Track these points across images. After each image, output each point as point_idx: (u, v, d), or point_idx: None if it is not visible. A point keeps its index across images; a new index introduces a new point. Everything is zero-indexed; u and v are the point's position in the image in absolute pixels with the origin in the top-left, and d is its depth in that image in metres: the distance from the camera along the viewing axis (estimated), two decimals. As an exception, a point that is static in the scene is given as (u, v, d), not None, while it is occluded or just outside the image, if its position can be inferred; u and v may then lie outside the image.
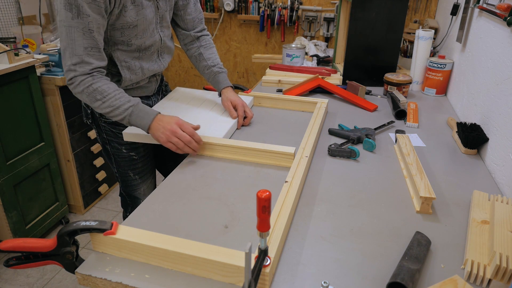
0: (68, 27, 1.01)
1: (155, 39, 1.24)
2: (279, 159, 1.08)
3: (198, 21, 1.41)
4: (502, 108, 1.12)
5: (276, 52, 2.87)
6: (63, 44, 1.04)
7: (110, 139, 1.33)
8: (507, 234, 0.74)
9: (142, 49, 1.22)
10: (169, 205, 0.91)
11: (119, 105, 1.08)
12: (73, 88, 1.08)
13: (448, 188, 1.00)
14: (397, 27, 1.71)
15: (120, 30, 1.13)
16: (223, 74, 1.41)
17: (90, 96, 1.07)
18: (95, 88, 1.07)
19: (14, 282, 1.87)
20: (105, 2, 1.03)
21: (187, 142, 1.08)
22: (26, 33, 2.16)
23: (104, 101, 1.08)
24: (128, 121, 1.10)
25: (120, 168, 1.38)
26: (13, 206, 1.90)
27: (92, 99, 1.08)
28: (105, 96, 1.08)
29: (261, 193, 0.57)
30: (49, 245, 0.71)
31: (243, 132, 1.31)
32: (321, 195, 0.96)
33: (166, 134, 1.07)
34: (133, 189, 1.43)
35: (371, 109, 1.51)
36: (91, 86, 1.07)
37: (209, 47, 1.43)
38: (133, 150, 1.34)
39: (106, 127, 1.31)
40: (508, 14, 1.14)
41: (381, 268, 0.73)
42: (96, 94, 1.07)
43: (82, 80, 1.06)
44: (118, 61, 1.18)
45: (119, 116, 1.10)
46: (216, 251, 0.68)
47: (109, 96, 1.08)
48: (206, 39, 1.43)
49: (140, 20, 1.15)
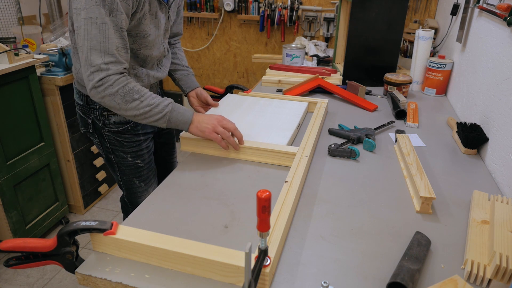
0: (101, 24, 0.95)
1: (160, 50, 1.23)
2: (280, 159, 1.08)
3: (180, 29, 1.46)
4: (502, 108, 1.12)
5: (276, 52, 2.87)
6: (89, 43, 0.97)
7: (115, 148, 1.28)
8: (507, 234, 0.74)
9: (147, 58, 1.20)
10: (169, 205, 0.91)
11: (158, 103, 1.04)
12: (104, 90, 0.99)
13: (448, 188, 1.00)
14: (397, 27, 1.71)
15: (134, 38, 1.10)
16: (192, 76, 1.49)
17: (126, 96, 1.01)
18: (132, 87, 1.02)
19: (14, 282, 1.87)
20: (133, 2, 1.01)
21: (230, 136, 1.09)
22: (26, 33, 2.16)
23: (142, 100, 1.03)
24: (167, 119, 1.06)
25: (125, 176, 1.34)
26: (13, 206, 1.90)
27: (128, 99, 1.01)
28: (142, 95, 1.03)
29: (261, 193, 0.57)
30: (49, 245, 0.71)
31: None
32: (321, 195, 0.96)
33: (213, 124, 1.07)
34: (137, 196, 1.39)
35: (371, 109, 1.51)
36: (126, 85, 1.01)
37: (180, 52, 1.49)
38: (139, 157, 1.31)
39: (111, 136, 1.26)
40: (508, 14, 1.14)
41: (381, 268, 0.73)
42: (133, 93, 1.02)
43: (116, 80, 1.00)
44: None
45: (157, 115, 1.04)
46: (216, 251, 0.68)
47: (146, 95, 1.04)
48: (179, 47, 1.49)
49: (153, 30, 1.13)
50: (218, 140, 1.07)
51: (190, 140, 1.15)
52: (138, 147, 1.30)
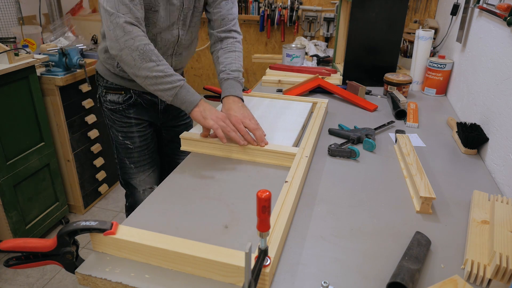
0: None
1: (173, 34, 1.21)
2: (281, 159, 1.08)
3: (227, 20, 1.29)
4: (502, 108, 1.12)
5: (276, 52, 2.87)
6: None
7: (110, 125, 1.37)
8: (507, 234, 0.74)
9: (157, 39, 1.19)
10: (169, 205, 0.91)
11: (172, 74, 1.06)
12: (126, 41, 1.02)
13: (448, 188, 1.00)
14: (397, 27, 1.71)
15: (144, 10, 1.10)
16: (229, 81, 1.24)
17: (144, 55, 1.03)
18: (151, 49, 1.04)
19: (14, 282, 1.87)
20: None
21: (234, 131, 1.07)
22: (26, 33, 2.16)
23: (159, 64, 1.04)
24: (175, 93, 1.07)
25: (119, 154, 1.42)
26: (13, 206, 1.90)
27: (145, 57, 1.03)
28: (160, 60, 1.05)
29: (261, 193, 0.57)
30: (49, 245, 0.71)
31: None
32: (321, 195, 0.96)
33: (217, 116, 1.08)
34: (129, 177, 1.45)
35: (371, 109, 1.51)
36: (147, 45, 1.04)
37: (228, 50, 1.29)
38: (129, 139, 1.38)
39: (107, 112, 1.34)
40: (508, 14, 1.14)
41: (381, 268, 0.73)
42: (151, 54, 1.04)
43: (138, 36, 1.03)
44: None
45: (168, 84, 1.05)
46: (216, 251, 0.68)
47: (163, 62, 1.06)
48: (229, 41, 1.30)
49: (163, 6, 1.12)
50: (215, 127, 1.06)
51: (190, 140, 1.15)
52: (128, 128, 1.36)
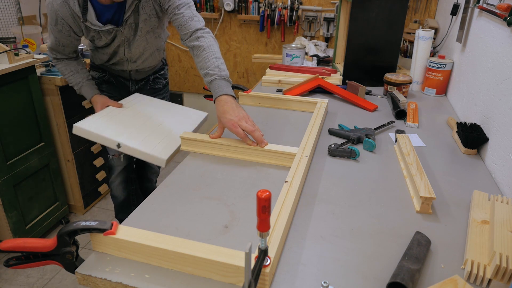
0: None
1: (120, 51, 1.51)
2: (280, 159, 1.08)
3: (186, 26, 1.30)
4: (502, 108, 1.12)
5: (276, 52, 2.87)
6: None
7: None
8: (507, 234, 0.74)
9: (112, 54, 1.54)
10: (169, 205, 0.91)
11: (76, 83, 1.55)
12: (55, 65, 1.59)
13: (448, 188, 1.00)
14: (397, 27, 1.71)
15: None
16: (214, 82, 1.18)
17: (63, 74, 1.55)
18: (63, 70, 1.55)
19: (14, 282, 1.87)
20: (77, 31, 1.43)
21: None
22: (26, 33, 2.16)
23: (69, 77, 1.54)
24: (78, 89, 1.56)
25: None
26: (13, 206, 1.90)
27: (64, 74, 1.55)
28: (71, 74, 1.54)
29: (261, 193, 0.57)
30: (49, 245, 0.71)
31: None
32: (321, 195, 0.96)
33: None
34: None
35: (371, 109, 1.51)
36: (64, 66, 1.56)
37: (198, 53, 1.27)
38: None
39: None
40: (508, 14, 1.14)
41: (381, 268, 0.73)
42: (65, 73, 1.55)
43: (57, 66, 1.57)
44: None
45: (75, 86, 1.56)
46: (216, 251, 0.68)
47: (74, 75, 1.55)
48: (197, 46, 1.28)
49: (102, 39, 1.44)
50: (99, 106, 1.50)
51: (190, 140, 1.15)
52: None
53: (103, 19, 1.37)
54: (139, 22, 1.41)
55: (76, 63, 1.54)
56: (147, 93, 1.69)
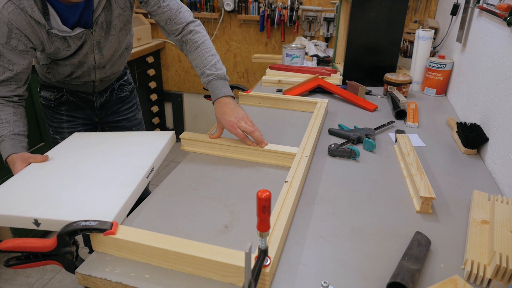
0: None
1: (89, 59, 1.26)
2: (280, 159, 1.08)
3: (176, 20, 1.20)
4: (502, 108, 1.12)
5: (276, 52, 2.87)
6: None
7: (45, 119, 1.50)
8: (507, 234, 0.74)
9: (77, 66, 1.27)
10: (169, 205, 0.91)
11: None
12: None
13: (448, 188, 1.00)
14: (397, 27, 1.71)
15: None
16: (211, 83, 1.16)
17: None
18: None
19: (14, 282, 1.87)
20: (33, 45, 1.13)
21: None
22: (26, 33, 2.15)
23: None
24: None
25: (53, 145, 1.38)
26: (13, 206, 1.90)
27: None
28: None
29: (261, 193, 0.57)
30: (49, 245, 0.71)
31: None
32: (321, 195, 0.96)
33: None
34: None
35: (371, 109, 1.51)
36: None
37: (193, 49, 1.21)
38: (58, 134, 1.46)
39: (42, 107, 1.48)
40: (508, 14, 1.14)
41: (381, 268, 0.73)
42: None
43: None
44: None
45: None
46: (216, 251, 0.68)
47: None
48: (189, 40, 1.21)
49: (62, 51, 1.18)
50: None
51: (190, 140, 1.15)
52: (58, 124, 1.44)
53: (69, 23, 1.13)
54: (112, 19, 1.19)
55: (12, 110, 1.11)
56: (114, 104, 1.49)
